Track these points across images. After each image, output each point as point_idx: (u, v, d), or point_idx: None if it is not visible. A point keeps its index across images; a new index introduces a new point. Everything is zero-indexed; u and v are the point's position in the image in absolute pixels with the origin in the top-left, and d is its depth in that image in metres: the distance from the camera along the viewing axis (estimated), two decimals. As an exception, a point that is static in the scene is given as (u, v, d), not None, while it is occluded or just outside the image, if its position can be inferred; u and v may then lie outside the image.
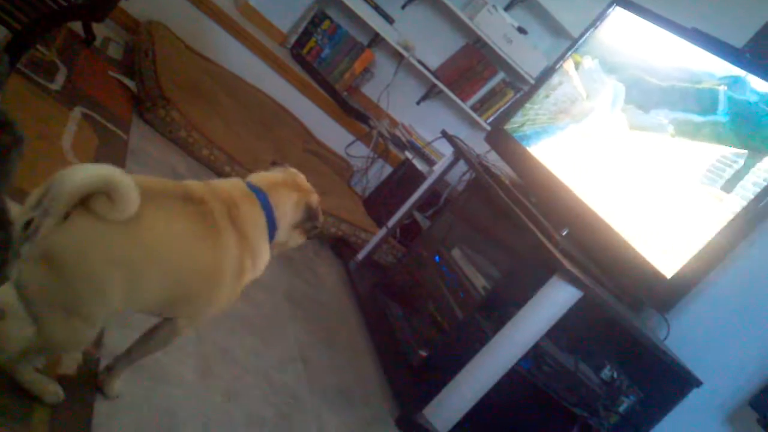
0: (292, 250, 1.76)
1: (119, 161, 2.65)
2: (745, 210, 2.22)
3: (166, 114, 3.21)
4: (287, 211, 1.60)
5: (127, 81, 3.39)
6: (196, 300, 1.49)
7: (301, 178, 1.69)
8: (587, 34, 3.13)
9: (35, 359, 1.42)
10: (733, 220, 2.23)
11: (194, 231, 1.40)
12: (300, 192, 1.64)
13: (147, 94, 3.29)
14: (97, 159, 2.51)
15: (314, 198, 1.67)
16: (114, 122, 2.90)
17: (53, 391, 1.47)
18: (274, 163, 1.72)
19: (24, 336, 1.32)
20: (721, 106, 2.43)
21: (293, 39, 4.62)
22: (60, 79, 2.86)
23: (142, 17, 4.03)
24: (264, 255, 1.58)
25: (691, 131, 2.48)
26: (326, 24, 4.63)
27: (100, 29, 3.59)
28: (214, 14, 4.19)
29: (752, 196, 2.22)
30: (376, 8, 4.47)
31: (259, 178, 1.62)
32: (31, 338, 1.31)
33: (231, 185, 1.55)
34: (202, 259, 1.42)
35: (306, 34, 4.64)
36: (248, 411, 1.98)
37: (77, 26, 3.43)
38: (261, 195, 1.56)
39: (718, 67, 2.50)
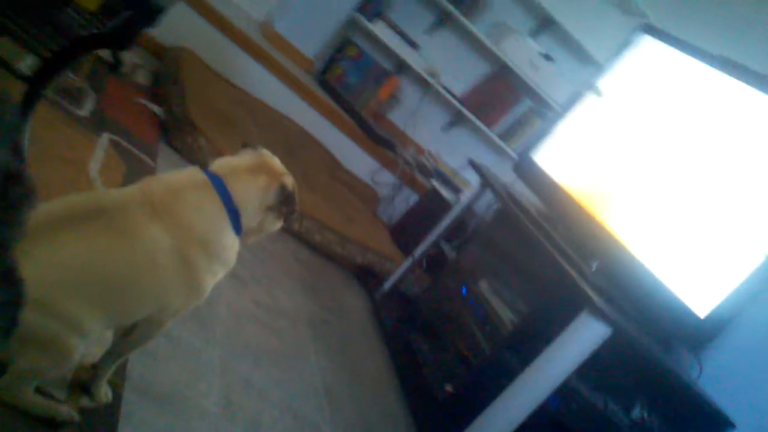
0: (318, 279, 1.72)
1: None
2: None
3: (193, 141, 3.21)
4: (252, 195, 1.52)
5: (154, 108, 3.39)
6: (140, 302, 1.44)
7: (273, 159, 1.61)
8: (615, 62, 3.09)
9: (29, 384, 1.38)
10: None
11: (92, 245, 1.34)
12: (270, 174, 1.56)
13: (174, 120, 3.29)
14: (125, 186, 2.50)
15: (288, 180, 1.58)
16: (141, 148, 2.90)
17: (66, 411, 1.44)
18: (245, 146, 1.63)
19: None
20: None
21: (319, 65, 4.63)
22: (88, 105, 2.87)
23: (168, 43, 4.06)
24: (224, 242, 1.50)
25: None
26: (352, 50, 4.63)
27: (127, 55, 3.61)
28: (240, 40, 4.20)
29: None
30: (402, 35, 4.47)
31: (221, 163, 1.56)
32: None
33: (180, 176, 1.51)
34: (113, 267, 1.36)
35: (332, 61, 4.65)
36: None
37: (105, 52, 3.45)
38: (216, 180, 1.50)
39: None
